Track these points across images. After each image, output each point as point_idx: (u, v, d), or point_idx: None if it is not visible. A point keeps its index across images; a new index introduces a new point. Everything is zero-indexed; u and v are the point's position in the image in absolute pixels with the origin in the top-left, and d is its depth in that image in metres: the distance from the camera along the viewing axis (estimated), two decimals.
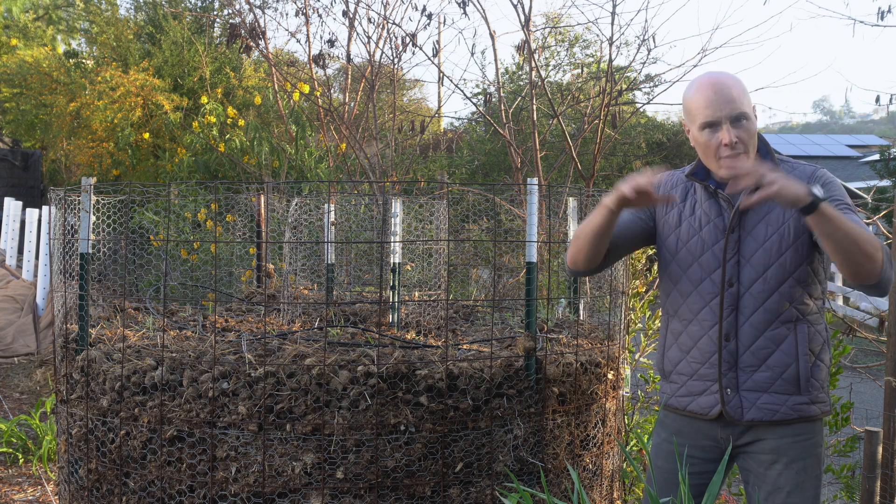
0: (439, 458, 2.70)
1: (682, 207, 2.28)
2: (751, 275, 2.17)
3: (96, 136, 13.95)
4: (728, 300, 2.19)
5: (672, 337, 2.32)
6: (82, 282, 2.99)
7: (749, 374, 2.18)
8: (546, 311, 3.86)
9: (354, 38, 9.50)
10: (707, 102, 2.12)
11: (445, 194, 5.59)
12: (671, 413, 2.36)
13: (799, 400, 2.17)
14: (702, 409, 2.26)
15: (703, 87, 2.14)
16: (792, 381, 2.16)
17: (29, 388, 6.77)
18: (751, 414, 2.18)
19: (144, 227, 7.37)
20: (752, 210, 2.16)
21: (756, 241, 2.17)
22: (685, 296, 2.27)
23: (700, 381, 2.25)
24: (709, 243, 2.22)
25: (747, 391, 2.19)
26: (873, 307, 11.82)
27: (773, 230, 2.15)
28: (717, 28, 7.24)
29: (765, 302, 2.16)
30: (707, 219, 2.23)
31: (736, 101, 2.11)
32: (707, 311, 2.22)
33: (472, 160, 16.81)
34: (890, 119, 60.68)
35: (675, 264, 2.30)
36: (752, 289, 2.17)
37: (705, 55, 7.87)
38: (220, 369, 2.74)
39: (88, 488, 2.93)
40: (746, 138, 2.13)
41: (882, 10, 5.70)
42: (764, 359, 2.17)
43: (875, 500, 3.10)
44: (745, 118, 2.12)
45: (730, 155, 2.12)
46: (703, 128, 2.14)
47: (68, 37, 21.58)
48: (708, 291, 2.22)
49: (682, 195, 2.29)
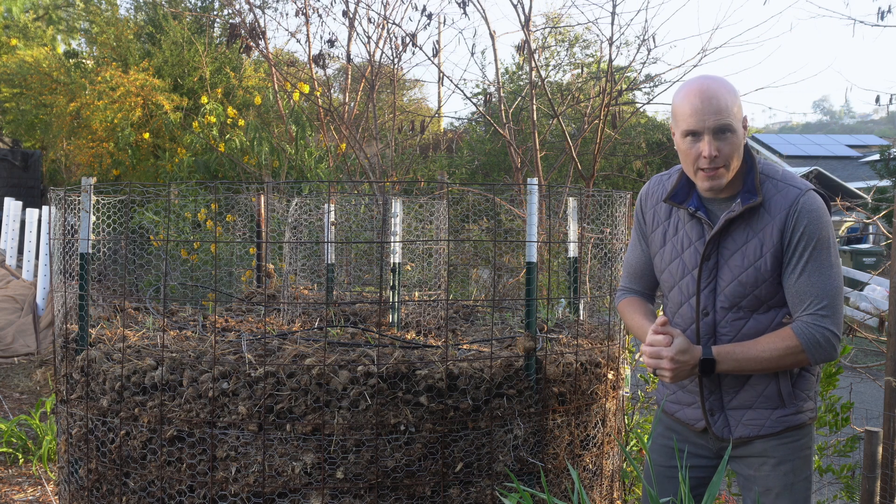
0: (439, 458, 2.70)
1: (666, 226, 2.26)
2: (726, 304, 2.15)
3: (96, 136, 13.96)
4: (704, 328, 2.19)
5: None
6: (82, 282, 2.99)
7: (732, 394, 2.19)
8: (546, 311, 3.86)
9: (354, 38, 9.52)
10: (692, 111, 2.05)
11: (445, 194, 5.59)
12: (665, 415, 2.39)
13: (784, 412, 2.17)
14: (689, 420, 2.28)
15: (690, 93, 2.07)
16: (774, 396, 2.16)
17: (29, 388, 6.77)
18: (738, 431, 2.19)
19: (144, 227, 7.37)
20: (730, 237, 2.12)
21: (731, 272, 2.13)
22: (672, 315, 2.28)
23: (688, 394, 2.28)
24: (689, 268, 2.20)
25: (733, 409, 2.20)
26: (873, 307, 11.82)
27: (749, 263, 2.10)
28: (717, 28, 7.25)
29: (742, 329, 2.15)
30: (689, 241, 2.20)
31: (722, 112, 2.03)
32: (689, 333, 2.21)
33: (472, 160, 16.81)
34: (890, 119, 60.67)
35: (663, 283, 2.32)
36: (728, 317, 2.16)
37: (705, 55, 7.88)
38: (220, 369, 2.74)
39: (88, 488, 2.93)
40: (728, 152, 2.06)
41: (882, 10, 5.70)
42: (745, 379, 2.17)
43: (875, 500, 3.10)
44: (729, 130, 2.05)
45: (708, 167, 2.07)
46: (685, 135, 2.09)
47: (68, 37, 21.58)
48: (687, 316, 2.22)
49: (667, 212, 2.26)
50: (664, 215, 2.27)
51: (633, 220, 2.44)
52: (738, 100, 2.09)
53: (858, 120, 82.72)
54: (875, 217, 4.48)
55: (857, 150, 32.12)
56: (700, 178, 2.11)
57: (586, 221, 4.54)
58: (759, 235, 2.09)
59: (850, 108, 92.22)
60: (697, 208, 2.17)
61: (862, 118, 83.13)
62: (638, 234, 2.37)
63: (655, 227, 2.29)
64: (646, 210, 2.33)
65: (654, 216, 2.29)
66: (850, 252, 17.13)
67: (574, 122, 13.71)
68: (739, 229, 2.12)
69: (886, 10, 5.72)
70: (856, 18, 5.74)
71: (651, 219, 2.31)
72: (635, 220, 2.38)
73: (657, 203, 2.29)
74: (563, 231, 4.12)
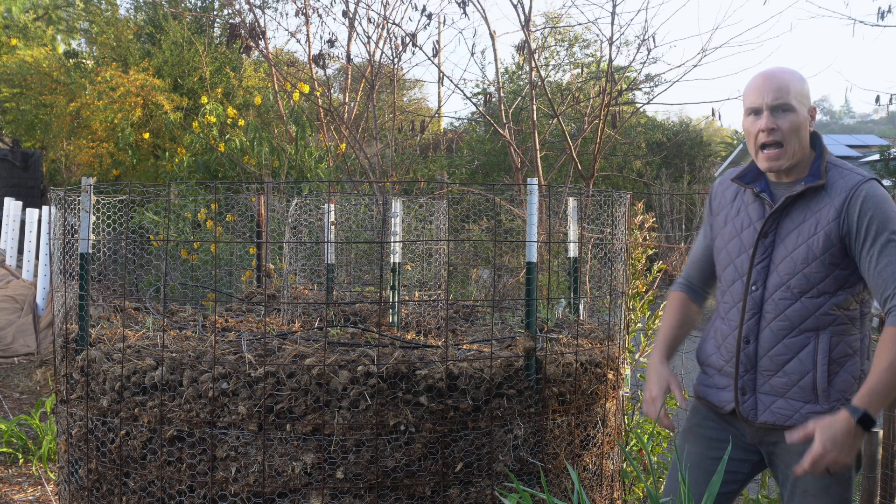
0: (439, 458, 2.70)
1: (730, 209, 2.32)
2: (776, 281, 2.17)
3: (96, 136, 13.96)
4: (751, 304, 2.21)
5: (711, 330, 2.38)
6: (82, 282, 2.99)
7: (767, 377, 2.19)
8: (546, 311, 3.86)
9: (354, 38, 9.52)
10: (754, 88, 2.15)
11: (445, 194, 5.59)
12: (699, 402, 2.40)
13: (814, 409, 2.14)
14: (720, 403, 2.29)
15: (756, 76, 2.18)
16: (808, 389, 2.14)
17: (29, 388, 6.77)
18: (764, 416, 2.19)
19: (144, 227, 7.37)
20: (789, 217, 2.17)
21: (786, 248, 2.17)
22: (722, 294, 2.32)
23: (724, 378, 2.29)
24: (746, 246, 2.24)
25: (764, 394, 2.20)
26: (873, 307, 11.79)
27: (803, 240, 2.14)
28: (717, 28, 7.26)
29: (786, 309, 2.16)
30: (749, 221, 2.25)
31: (782, 90, 2.11)
32: (735, 311, 2.25)
33: (472, 160, 16.81)
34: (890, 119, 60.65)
35: (719, 264, 2.35)
36: (774, 295, 2.17)
37: (705, 55, 7.88)
38: (220, 369, 2.74)
39: (88, 488, 2.93)
40: (787, 129, 2.12)
41: (882, 10, 5.71)
42: (782, 364, 2.17)
43: (875, 501, 3.10)
44: (788, 109, 2.12)
45: (767, 143, 2.13)
46: (748, 114, 2.18)
47: (68, 37, 21.58)
48: (738, 292, 2.25)
49: (733, 196, 2.32)
50: (730, 198, 2.32)
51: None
52: (803, 86, 2.15)
53: (858, 120, 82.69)
54: None
55: (857, 150, 32.14)
56: (761, 158, 2.18)
57: (586, 221, 4.54)
58: (817, 215, 2.13)
59: (850, 108, 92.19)
60: (763, 189, 2.23)
61: (862, 118, 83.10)
62: (706, 224, 2.43)
63: (720, 210, 2.34)
64: (714, 197, 2.39)
65: (721, 201, 2.35)
66: None
67: (574, 122, 13.72)
68: (799, 209, 2.17)
69: (886, 10, 5.73)
70: (856, 18, 5.75)
71: (718, 204, 2.36)
72: (706, 209, 2.44)
73: (726, 188, 2.35)
74: (563, 231, 4.12)
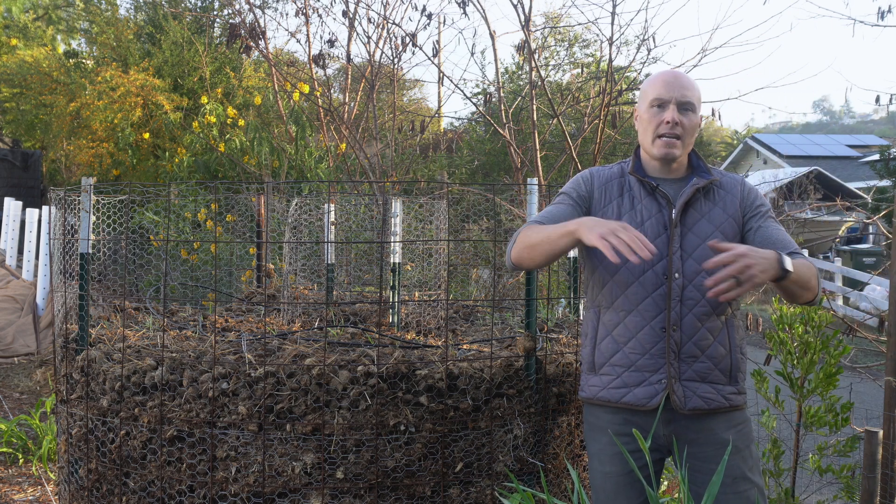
0: (439, 458, 2.70)
1: (620, 202, 2.36)
2: (693, 267, 2.25)
3: (96, 136, 13.96)
4: (674, 291, 2.26)
5: (605, 329, 2.34)
6: (82, 282, 2.99)
7: (689, 364, 2.25)
8: (546, 311, 3.86)
9: (354, 38, 9.52)
10: (663, 83, 2.30)
11: (445, 194, 5.59)
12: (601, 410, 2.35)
13: (730, 390, 2.29)
14: (638, 401, 2.27)
15: (664, 73, 2.35)
16: (725, 371, 2.28)
17: (29, 388, 6.77)
18: (692, 403, 2.25)
19: (144, 227, 7.37)
20: (693, 208, 2.30)
21: (698, 237, 2.28)
22: (624, 286, 2.30)
23: (638, 373, 2.28)
24: (651, 237, 2.28)
25: (688, 381, 2.25)
26: (873, 307, 11.82)
27: (714, 227, 2.28)
28: (717, 28, 7.25)
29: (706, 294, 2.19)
30: (648, 214, 2.31)
31: (688, 90, 2.29)
32: (649, 302, 2.27)
33: (472, 160, 16.81)
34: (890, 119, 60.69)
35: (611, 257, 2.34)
36: (694, 281, 2.25)
37: (705, 55, 7.88)
38: (220, 369, 2.74)
39: (88, 488, 2.93)
40: (687, 126, 2.29)
41: (882, 10, 5.69)
42: (703, 349, 2.25)
43: (875, 501, 3.11)
44: (691, 109, 2.29)
45: (667, 134, 2.27)
46: (652, 105, 2.30)
47: (68, 37, 21.59)
48: (651, 283, 2.27)
49: (618, 190, 2.38)
50: (616, 192, 2.38)
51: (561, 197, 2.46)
52: (701, 94, 2.36)
53: (858, 120, 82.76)
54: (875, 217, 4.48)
55: (856, 150, 32.15)
56: (658, 145, 2.30)
57: None
58: (720, 204, 2.32)
59: (850, 108, 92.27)
60: (658, 183, 2.33)
61: (862, 118, 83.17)
62: (570, 200, 2.40)
63: (607, 202, 2.37)
64: (593, 187, 2.41)
65: (605, 193, 2.39)
66: (850, 252, 17.11)
67: (574, 122, 13.72)
68: (699, 201, 2.32)
69: (886, 10, 5.72)
70: (856, 18, 5.74)
71: (601, 195, 2.39)
72: (572, 191, 2.41)
73: (607, 181, 2.40)
74: None
